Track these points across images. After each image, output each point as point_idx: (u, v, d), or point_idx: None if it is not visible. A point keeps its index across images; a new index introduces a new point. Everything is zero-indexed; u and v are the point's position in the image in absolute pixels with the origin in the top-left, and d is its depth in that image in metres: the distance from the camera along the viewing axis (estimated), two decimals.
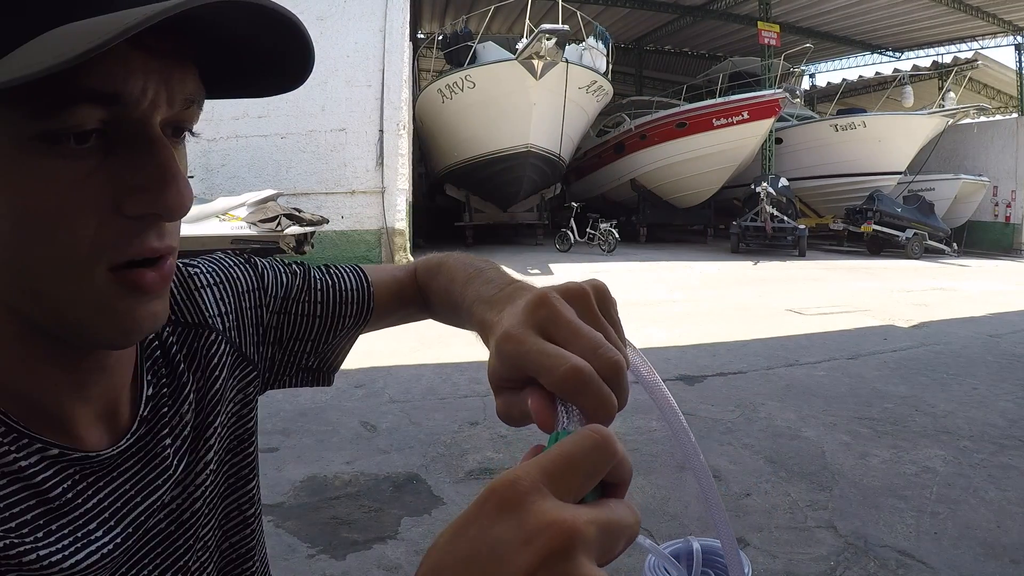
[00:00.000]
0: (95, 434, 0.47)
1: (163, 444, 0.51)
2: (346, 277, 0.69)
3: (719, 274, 11.31)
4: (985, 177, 17.39)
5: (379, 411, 4.08)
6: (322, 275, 0.69)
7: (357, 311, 0.68)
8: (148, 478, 0.50)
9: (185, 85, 0.41)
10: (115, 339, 0.43)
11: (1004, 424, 4.05)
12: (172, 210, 0.40)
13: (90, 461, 0.45)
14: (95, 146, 0.39)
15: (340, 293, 0.68)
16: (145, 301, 0.42)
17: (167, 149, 0.41)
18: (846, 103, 21.72)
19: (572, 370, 0.34)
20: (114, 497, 0.47)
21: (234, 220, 8.05)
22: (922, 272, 12.39)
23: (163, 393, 0.53)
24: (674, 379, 4.87)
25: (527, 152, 13.30)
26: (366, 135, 10.44)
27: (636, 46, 23.42)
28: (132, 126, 0.39)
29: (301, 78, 0.46)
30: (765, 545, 2.62)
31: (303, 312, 0.66)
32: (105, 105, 0.38)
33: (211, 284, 0.60)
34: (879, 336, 6.49)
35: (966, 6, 16.80)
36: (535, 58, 11.64)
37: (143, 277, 0.41)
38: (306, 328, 0.67)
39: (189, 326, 0.57)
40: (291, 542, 2.59)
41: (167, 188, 0.40)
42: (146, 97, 0.39)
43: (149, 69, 0.39)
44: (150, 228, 0.41)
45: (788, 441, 3.75)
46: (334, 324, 0.68)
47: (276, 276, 0.66)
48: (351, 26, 10.25)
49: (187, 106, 0.42)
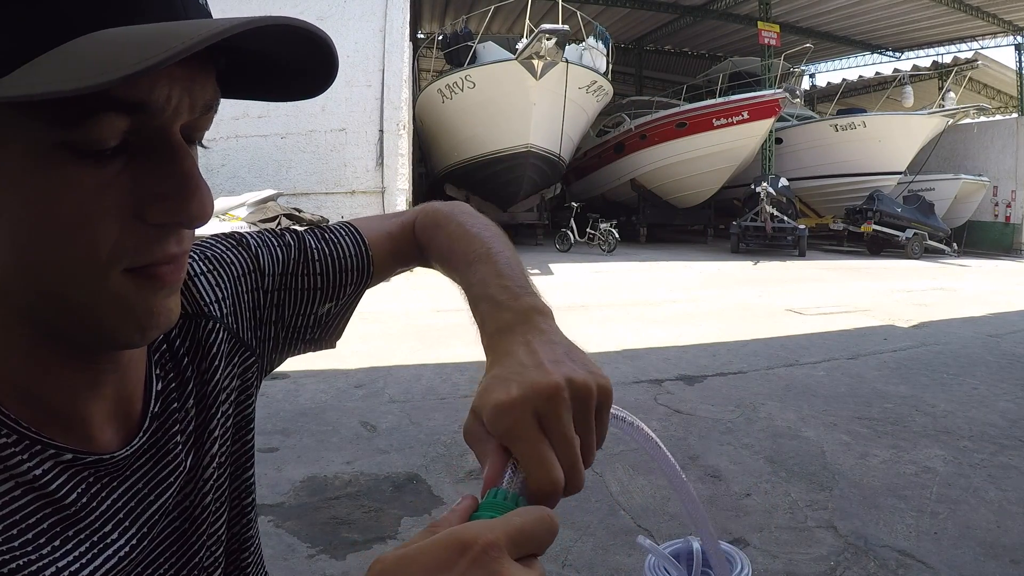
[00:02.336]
0: (108, 433, 0.47)
1: (175, 440, 0.51)
2: (342, 242, 0.68)
3: (719, 274, 11.31)
4: (985, 177, 17.41)
5: (379, 411, 4.08)
6: (318, 242, 0.67)
7: (357, 277, 0.68)
8: (161, 475, 0.49)
9: (206, 91, 0.41)
10: (132, 337, 0.42)
11: (1004, 424, 4.05)
12: (195, 218, 0.40)
13: (104, 464, 0.45)
14: (118, 153, 0.38)
15: (339, 261, 0.67)
16: (162, 296, 0.42)
17: (190, 157, 0.40)
18: (846, 103, 21.73)
19: (551, 484, 0.41)
20: (128, 497, 0.46)
21: (234, 220, 8.06)
22: (922, 272, 12.39)
23: (171, 387, 0.53)
24: (674, 379, 4.87)
25: (527, 152, 13.31)
26: (366, 135, 10.44)
27: (636, 46, 23.43)
28: (155, 133, 0.39)
29: (322, 87, 0.45)
30: (765, 545, 2.62)
31: (303, 286, 0.65)
32: (130, 113, 0.37)
33: (205, 271, 0.59)
34: (879, 336, 6.49)
35: (966, 6, 16.81)
36: (535, 58, 11.65)
37: (160, 269, 0.41)
38: (308, 301, 0.66)
39: (187, 316, 0.56)
40: (291, 542, 2.59)
41: (191, 198, 0.39)
42: (170, 105, 0.38)
43: (175, 77, 0.38)
44: (171, 235, 0.41)
45: (788, 441, 3.75)
46: (335, 293, 0.67)
47: (271, 253, 0.64)
48: (351, 26, 10.25)
49: (206, 112, 0.42)
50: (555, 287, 9.17)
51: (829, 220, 17.62)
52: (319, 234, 0.68)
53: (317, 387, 4.45)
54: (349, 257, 0.67)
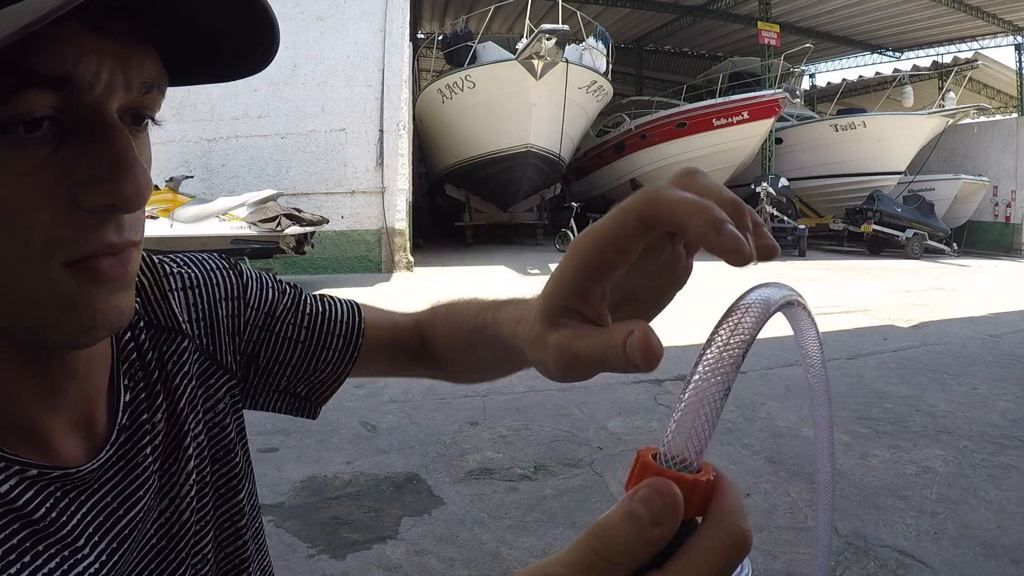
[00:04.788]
0: (72, 445, 0.45)
1: (144, 453, 0.49)
2: (339, 307, 0.66)
3: (719, 274, 11.31)
4: (985, 177, 17.39)
5: (379, 411, 4.08)
6: (314, 301, 0.65)
7: (344, 345, 0.64)
8: (129, 489, 0.47)
9: (144, 69, 0.39)
10: (77, 336, 0.40)
11: (1004, 424, 4.05)
12: (129, 200, 0.38)
13: (70, 478, 0.43)
14: (47, 135, 0.36)
15: (328, 322, 0.64)
16: (105, 292, 0.40)
17: (124, 136, 0.38)
18: (846, 103, 21.72)
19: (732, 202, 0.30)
20: (96, 511, 0.45)
21: (234, 220, 8.05)
22: (922, 272, 12.39)
23: (140, 399, 0.51)
24: (674, 379, 4.87)
25: (527, 152, 13.31)
26: (366, 135, 10.44)
27: (636, 46, 23.42)
28: (86, 112, 0.37)
29: (265, 62, 0.44)
30: (765, 545, 2.62)
31: (286, 335, 0.63)
32: (56, 89, 0.35)
33: (184, 287, 0.57)
34: (879, 336, 6.49)
35: (966, 6, 16.80)
36: (535, 58, 11.64)
37: (99, 264, 0.39)
38: (287, 352, 0.63)
39: (161, 328, 0.54)
40: (291, 542, 2.59)
41: (123, 177, 0.37)
42: (100, 81, 0.36)
43: (104, 51, 0.36)
44: (108, 222, 0.38)
45: (788, 441, 3.75)
46: (317, 353, 0.64)
47: (262, 289, 0.62)
48: (351, 26, 10.25)
49: (146, 91, 0.40)
50: None
51: (829, 220, 17.61)
52: (320, 296, 0.67)
53: None
54: (340, 322, 0.65)
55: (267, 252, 8.32)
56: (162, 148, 9.79)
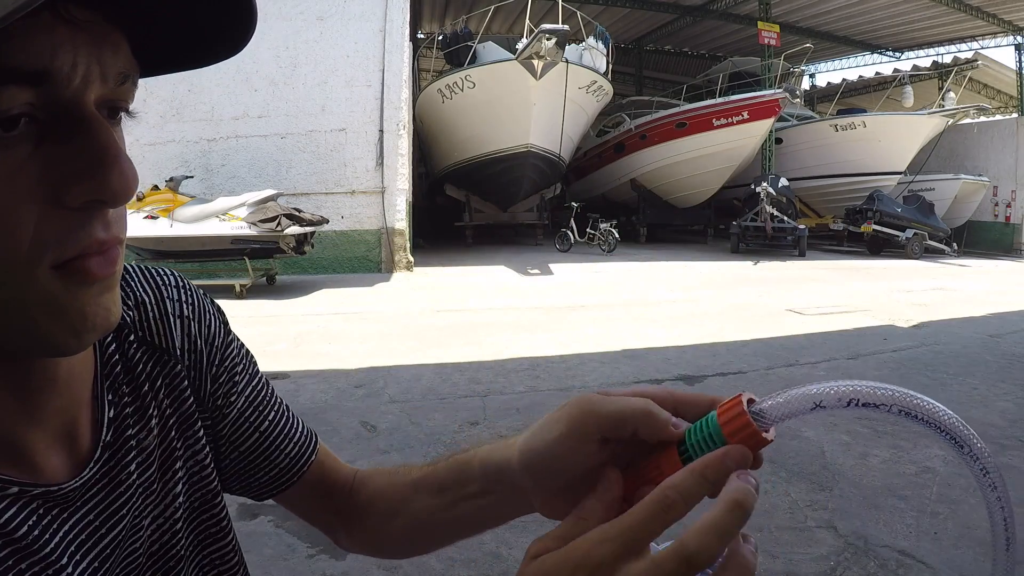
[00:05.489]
0: (54, 461, 0.43)
1: (128, 471, 0.48)
2: (300, 427, 0.65)
3: (719, 274, 11.31)
4: (985, 177, 17.41)
5: (379, 411, 4.08)
6: (281, 405, 0.64)
7: (283, 459, 0.63)
8: (113, 507, 0.46)
9: (118, 59, 0.38)
10: (67, 342, 0.39)
11: (1004, 424, 4.05)
12: (117, 194, 0.37)
13: (53, 495, 0.42)
14: (26, 133, 0.35)
15: (285, 430, 0.63)
16: (94, 294, 0.38)
17: (105, 128, 0.37)
18: (846, 103, 21.73)
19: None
20: (79, 529, 0.44)
21: (234, 220, 8.05)
22: (922, 272, 12.39)
23: (126, 414, 0.49)
24: (674, 379, 4.87)
25: (527, 152, 13.31)
26: (366, 135, 10.45)
27: (636, 46, 23.43)
28: (64, 107, 0.36)
29: (240, 45, 0.42)
30: (765, 545, 2.62)
31: (248, 417, 0.61)
32: (33, 84, 0.34)
33: (183, 316, 0.56)
34: (879, 336, 6.49)
35: (966, 6, 16.81)
36: (535, 58, 11.65)
37: (87, 264, 0.37)
38: (240, 427, 0.60)
39: (157, 348, 0.53)
40: (291, 542, 2.59)
41: (109, 171, 0.36)
42: (77, 73, 0.35)
43: (78, 43, 0.35)
44: (95, 218, 0.37)
45: (788, 441, 3.75)
46: (260, 446, 0.61)
47: (238, 352, 0.61)
48: (351, 26, 10.25)
49: (122, 82, 0.39)
50: (555, 287, 9.18)
51: (829, 220, 17.62)
52: (291, 411, 0.66)
53: (317, 387, 4.45)
54: (293, 436, 0.63)
55: (267, 252, 8.32)
56: (162, 148, 9.80)
